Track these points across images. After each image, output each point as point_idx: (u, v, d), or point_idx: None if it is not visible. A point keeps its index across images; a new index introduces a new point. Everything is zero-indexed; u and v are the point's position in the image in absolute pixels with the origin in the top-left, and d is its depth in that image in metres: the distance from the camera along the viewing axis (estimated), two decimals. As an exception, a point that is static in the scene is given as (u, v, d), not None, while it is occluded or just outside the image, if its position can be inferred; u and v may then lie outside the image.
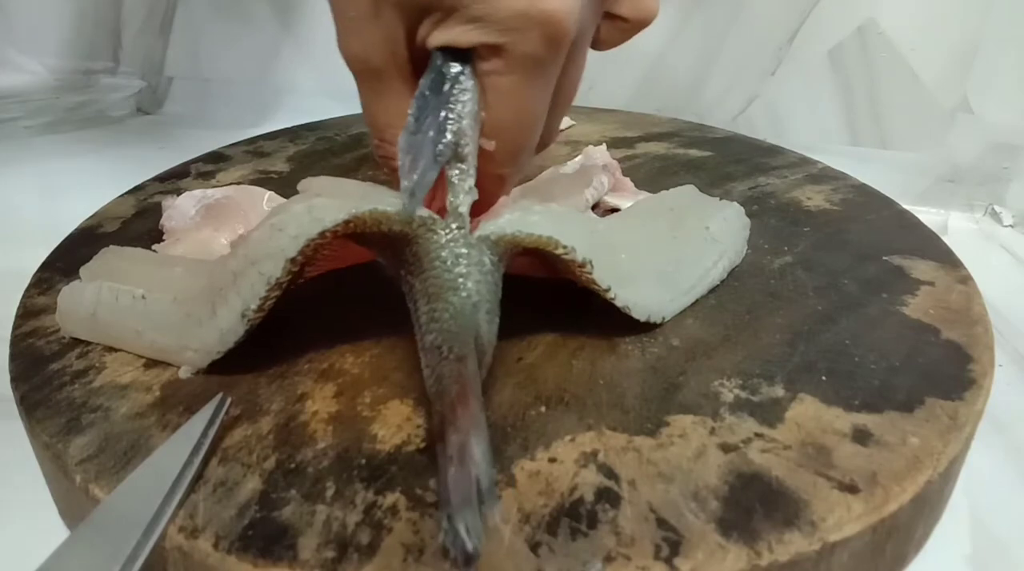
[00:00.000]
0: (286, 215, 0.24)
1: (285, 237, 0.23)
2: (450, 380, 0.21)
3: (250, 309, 0.24)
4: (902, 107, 0.56)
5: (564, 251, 0.25)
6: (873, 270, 0.32)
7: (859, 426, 0.23)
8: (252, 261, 0.24)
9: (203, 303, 0.25)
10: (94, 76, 0.77)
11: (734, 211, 0.34)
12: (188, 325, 0.26)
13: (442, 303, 0.23)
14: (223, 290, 0.25)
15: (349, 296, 0.30)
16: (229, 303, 0.24)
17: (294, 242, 0.23)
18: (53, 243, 0.36)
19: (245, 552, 0.19)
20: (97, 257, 0.30)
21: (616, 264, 0.27)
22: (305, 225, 0.23)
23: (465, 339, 0.22)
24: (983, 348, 0.27)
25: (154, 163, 0.47)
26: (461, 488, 0.18)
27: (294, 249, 0.23)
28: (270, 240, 0.24)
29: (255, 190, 0.38)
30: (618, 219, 0.33)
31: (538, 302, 0.29)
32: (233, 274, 0.25)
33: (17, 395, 0.26)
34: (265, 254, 0.24)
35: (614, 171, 0.38)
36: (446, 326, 0.22)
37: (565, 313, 0.28)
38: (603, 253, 0.26)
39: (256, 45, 0.73)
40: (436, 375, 0.22)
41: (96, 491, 0.21)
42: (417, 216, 0.23)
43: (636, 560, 0.19)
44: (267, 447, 0.23)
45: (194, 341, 0.25)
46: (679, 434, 0.23)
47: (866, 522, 0.20)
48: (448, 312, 0.23)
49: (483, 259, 0.24)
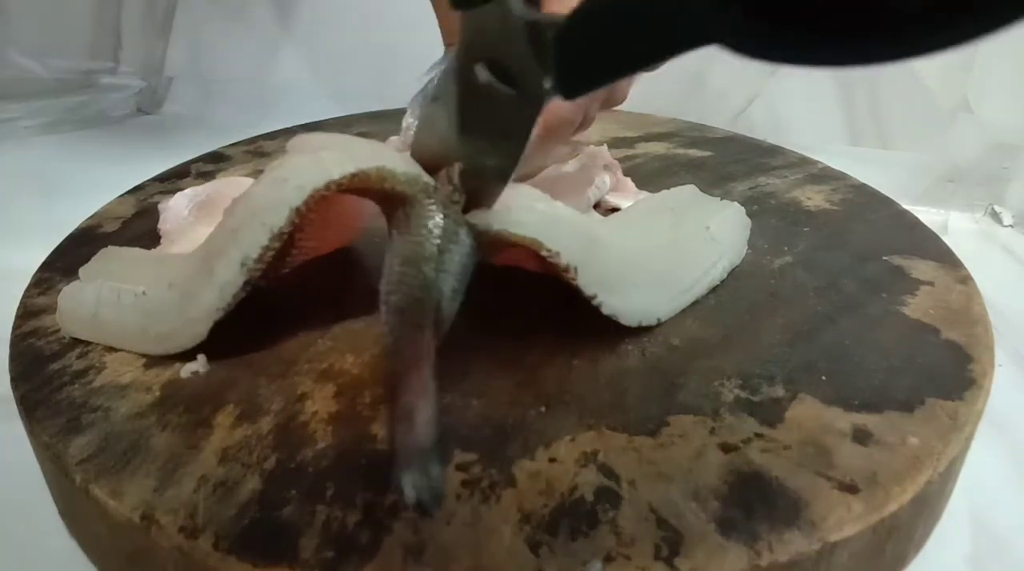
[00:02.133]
0: (290, 167, 0.24)
1: (290, 187, 0.24)
2: (406, 344, 0.22)
3: (250, 258, 0.24)
4: (902, 107, 0.56)
5: (548, 254, 0.25)
6: (873, 270, 0.32)
7: (859, 426, 0.23)
8: (253, 212, 0.24)
9: (201, 269, 0.25)
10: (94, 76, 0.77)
11: (735, 211, 0.34)
12: (185, 298, 0.25)
13: (415, 270, 0.23)
14: (222, 248, 0.25)
15: (349, 296, 0.30)
16: (228, 256, 0.24)
17: (299, 192, 0.24)
18: (53, 243, 0.36)
19: (245, 552, 0.19)
20: (96, 257, 0.30)
21: (608, 269, 0.27)
22: (312, 176, 0.23)
23: (427, 310, 0.23)
24: (983, 348, 0.27)
25: (154, 163, 0.47)
26: (407, 448, 0.19)
27: (299, 199, 0.24)
28: (273, 191, 0.24)
29: (243, 181, 0.38)
30: (618, 219, 0.33)
31: (538, 302, 0.29)
32: (232, 230, 0.25)
33: (17, 395, 0.26)
34: (268, 205, 0.24)
35: (615, 171, 0.38)
36: (414, 293, 0.23)
37: (565, 313, 0.28)
38: (595, 257, 0.26)
39: (256, 45, 0.73)
40: (395, 336, 0.22)
41: (96, 491, 0.21)
42: (423, 181, 0.24)
43: (636, 560, 0.19)
44: (267, 447, 0.23)
45: (193, 309, 0.25)
46: (679, 434, 0.23)
47: (866, 522, 0.20)
48: (418, 280, 0.23)
49: (465, 240, 0.24)
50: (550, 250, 0.25)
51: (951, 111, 0.54)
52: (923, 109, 0.55)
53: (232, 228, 0.25)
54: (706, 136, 0.51)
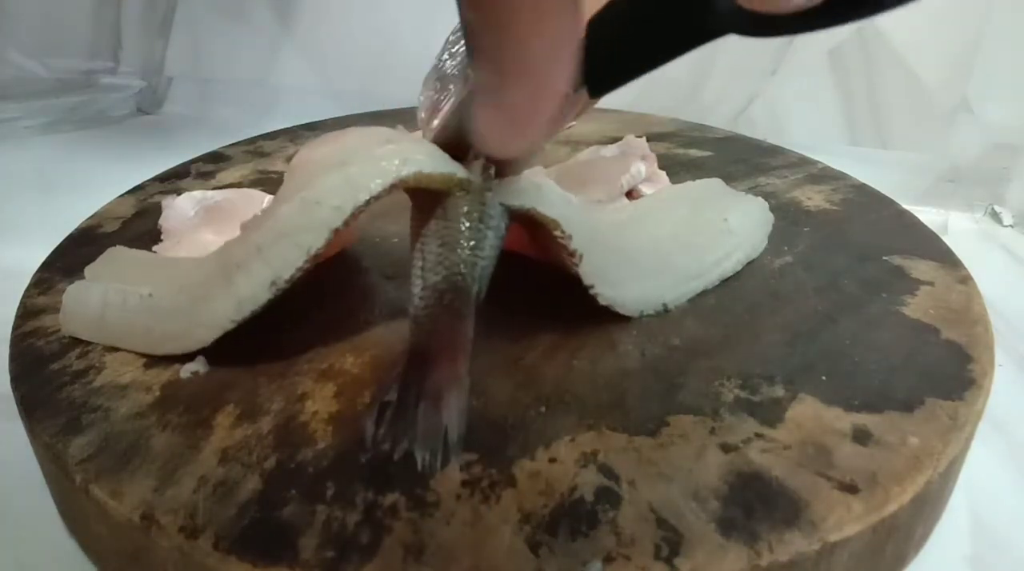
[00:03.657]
0: (322, 189, 0.24)
1: (326, 208, 0.24)
2: (443, 329, 0.22)
3: (282, 278, 0.24)
4: (902, 107, 0.56)
5: (561, 236, 0.25)
6: (873, 270, 0.32)
7: (859, 426, 0.23)
8: (283, 233, 0.24)
9: (216, 278, 0.25)
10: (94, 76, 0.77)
11: (757, 206, 0.34)
12: (197, 303, 0.25)
13: (456, 254, 0.23)
14: (243, 263, 0.25)
15: (349, 296, 0.30)
16: (252, 272, 0.24)
17: (338, 213, 0.24)
18: (53, 243, 0.36)
19: (245, 552, 0.19)
20: (102, 257, 0.30)
21: (607, 262, 0.27)
22: (349, 195, 0.23)
23: (469, 298, 0.23)
24: (983, 348, 0.27)
25: (154, 163, 0.47)
26: (431, 428, 0.20)
27: (339, 219, 0.24)
28: (308, 212, 0.24)
29: (255, 193, 0.38)
30: (637, 205, 0.34)
31: (538, 302, 0.29)
32: (257, 247, 0.24)
33: (17, 395, 0.26)
34: (302, 226, 0.24)
35: (651, 163, 0.39)
36: (456, 279, 0.23)
37: (565, 313, 0.28)
38: (598, 249, 0.27)
39: (256, 45, 0.73)
40: (431, 316, 0.23)
41: (96, 491, 0.21)
42: (457, 178, 0.24)
43: (636, 560, 0.19)
44: (267, 447, 0.23)
45: (204, 316, 0.25)
46: (679, 434, 0.23)
47: (866, 522, 0.20)
48: (460, 265, 0.23)
49: (500, 225, 0.24)
50: (564, 233, 0.25)
51: (951, 111, 0.54)
52: (923, 109, 0.55)
53: (257, 244, 0.24)
54: (706, 136, 0.51)
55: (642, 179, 0.37)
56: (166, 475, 0.22)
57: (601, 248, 0.27)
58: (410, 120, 0.29)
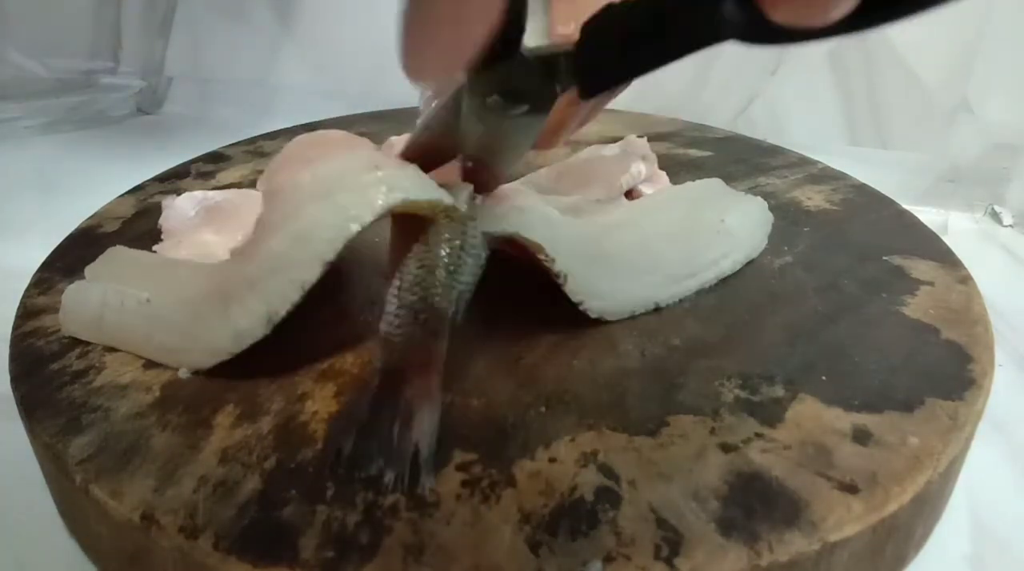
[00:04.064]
0: (311, 221, 0.24)
1: (318, 242, 0.24)
2: (416, 346, 0.23)
3: (278, 314, 0.24)
4: (902, 107, 0.56)
5: (545, 258, 0.26)
6: (873, 270, 0.32)
7: (859, 426, 0.23)
8: (276, 269, 0.24)
9: (213, 306, 0.25)
10: (94, 76, 0.77)
11: (756, 206, 0.34)
12: (196, 326, 0.25)
13: (433, 277, 0.23)
14: (237, 296, 0.25)
15: (349, 296, 0.30)
16: (248, 307, 0.24)
17: (330, 245, 0.23)
18: (53, 243, 0.36)
19: (245, 552, 0.19)
20: (102, 257, 0.30)
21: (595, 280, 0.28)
22: (339, 227, 0.23)
23: (444, 319, 0.23)
24: (983, 348, 0.27)
25: (154, 163, 0.47)
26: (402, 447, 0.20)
27: (331, 252, 0.24)
28: (300, 247, 0.24)
29: (255, 194, 0.38)
30: (634, 206, 0.34)
31: (538, 302, 0.29)
32: (249, 282, 0.24)
33: (17, 395, 0.26)
34: (295, 261, 0.24)
35: (652, 163, 0.39)
36: (433, 300, 0.23)
37: (565, 313, 0.28)
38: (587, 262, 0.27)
39: (256, 45, 0.73)
40: (405, 334, 0.23)
41: (96, 491, 0.21)
42: (444, 205, 0.24)
43: (636, 560, 0.19)
44: (267, 447, 0.23)
45: (202, 342, 0.25)
46: (679, 434, 0.23)
47: (866, 522, 0.20)
48: (438, 287, 0.23)
49: (480, 253, 0.25)
50: (548, 256, 0.26)
51: (951, 111, 0.54)
52: (923, 109, 0.55)
53: (250, 278, 0.24)
54: (706, 136, 0.51)
55: (642, 179, 0.37)
56: (166, 475, 0.22)
57: (587, 262, 0.27)
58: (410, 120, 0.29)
